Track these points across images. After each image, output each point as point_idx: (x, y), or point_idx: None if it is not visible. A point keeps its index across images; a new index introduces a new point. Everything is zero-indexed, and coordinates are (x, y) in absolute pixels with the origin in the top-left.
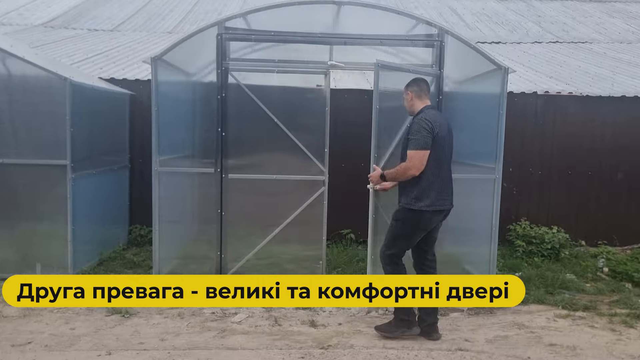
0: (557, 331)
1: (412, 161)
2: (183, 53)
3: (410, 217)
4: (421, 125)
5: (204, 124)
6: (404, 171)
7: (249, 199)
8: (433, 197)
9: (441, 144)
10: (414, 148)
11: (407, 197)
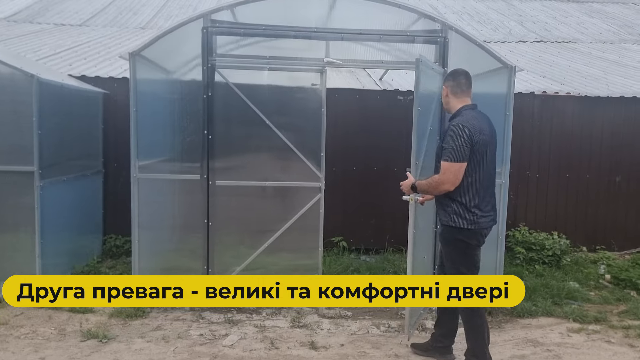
0: (574, 348)
1: (446, 175)
2: (163, 48)
3: (457, 234)
4: (456, 132)
5: (188, 125)
6: (436, 185)
7: (238, 207)
8: (477, 213)
9: (481, 152)
10: (449, 160)
11: (445, 213)
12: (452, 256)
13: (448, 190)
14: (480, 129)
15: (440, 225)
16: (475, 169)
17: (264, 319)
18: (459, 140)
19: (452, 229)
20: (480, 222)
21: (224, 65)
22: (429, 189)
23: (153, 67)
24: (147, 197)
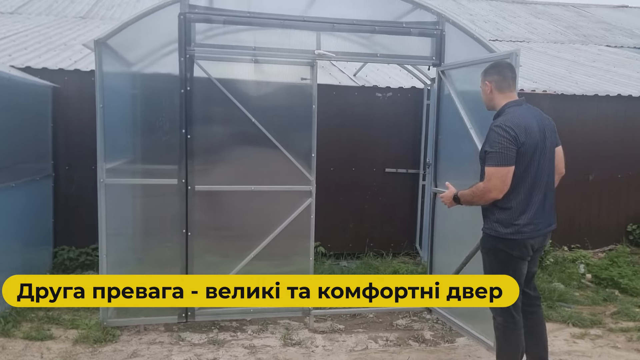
0: (585, 356)
1: (492, 181)
2: (132, 37)
3: (499, 244)
4: (499, 133)
5: (163, 124)
6: (482, 194)
7: (221, 215)
8: (521, 222)
9: (529, 154)
10: (494, 164)
11: (488, 220)
12: (492, 266)
13: (496, 199)
14: (526, 128)
15: (483, 232)
16: (524, 172)
17: (251, 337)
18: (504, 142)
19: (494, 238)
20: (526, 232)
21: (204, 56)
22: (474, 198)
23: (121, 58)
24: (116, 205)
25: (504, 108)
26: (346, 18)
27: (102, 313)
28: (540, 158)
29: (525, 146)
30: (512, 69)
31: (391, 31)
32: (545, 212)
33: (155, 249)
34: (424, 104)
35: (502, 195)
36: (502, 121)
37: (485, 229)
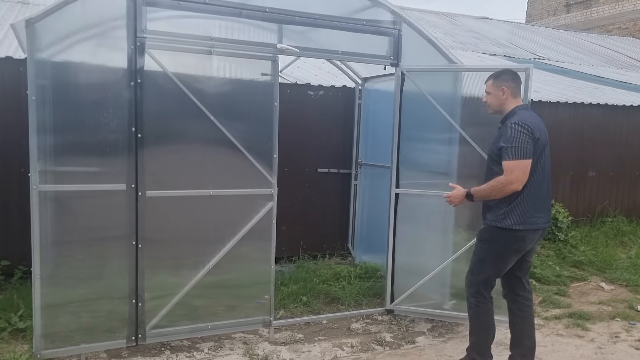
0: (541, 346)
1: (515, 173)
2: (69, 19)
3: (499, 236)
4: (518, 129)
5: (108, 121)
6: (502, 187)
7: (174, 223)
8: (526, 214)
9: (539, 151)
10: (514, 157)
11: (494, 212)
12: (481, 256)
13: (516, 190)
14: (539, 128)
15: (484, 224)
16: (533, 169)
17: (210, 356)
18: (523, 137)
19: (497, 229)
20: (529, 224)
21: (156, 44)
22: (492, 192)
23: (57, 43)
24: (52, 215)
25: (515, 110)
26: (306, 12)
27: (35, 342)
28: (545, 157)
29: (538, 143)
30: (519, 78)
31: (352, 28)
32: (546, 208)
33: (99, 263)
34: (355, 103)
35: (522, 187)
36: (518, 119)
37: (491, 222)
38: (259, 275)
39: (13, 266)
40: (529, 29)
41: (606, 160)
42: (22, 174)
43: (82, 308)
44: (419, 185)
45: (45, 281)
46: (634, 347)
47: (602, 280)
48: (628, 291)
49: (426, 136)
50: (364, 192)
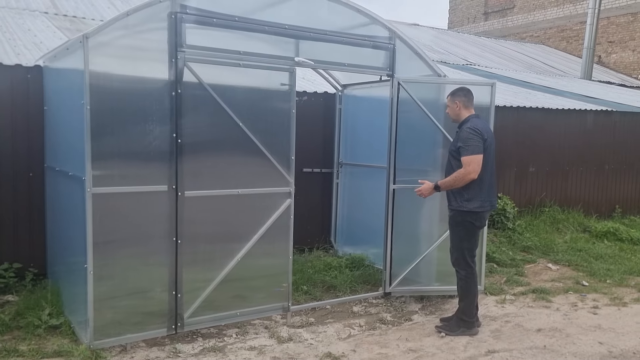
0: (519, 316)
1: (472, 165)
2: (115, 35)
3: (467, 218)
4: (471, 133)
5: (150, 128)
6: (463, 177)
7: (208, 220)
8: (483, 199)
9: (488, 149)
10: (470, 154)
11: (458, 200)
12: (460, 235)
13: (473, 179)
14: (487, 131)
15: (451, 210)
16: (484, 164)
17: (241, 340)
18: (475, 138)
19: (463, 212)
20: (485, 206)
21: (194, 58)
22: (456, 182)
23: (108, 56)
24: (102, 215)
25: (468, 118)
26: (317, 28)
27: (89, 334)
28: (492, 154)
29: (486, 143)
30: (471, 93)
31: (355, 43)
32: (493, 192)
33: (143, 259)
34: (336, 108)
35: (477, 176)
36: (471, 125)
37: (456, 207)
38: (278, 265)
39: (24, 269)
40: (456, 35)
41: (543, 157)
42: (31, 178)
43: (128, 301)
44: (410, 182)
45: (96, 277)
46: (591, 312)
47: (549, 262)
48: (571, 270)
49: (415, 137)
50: (344, 189)
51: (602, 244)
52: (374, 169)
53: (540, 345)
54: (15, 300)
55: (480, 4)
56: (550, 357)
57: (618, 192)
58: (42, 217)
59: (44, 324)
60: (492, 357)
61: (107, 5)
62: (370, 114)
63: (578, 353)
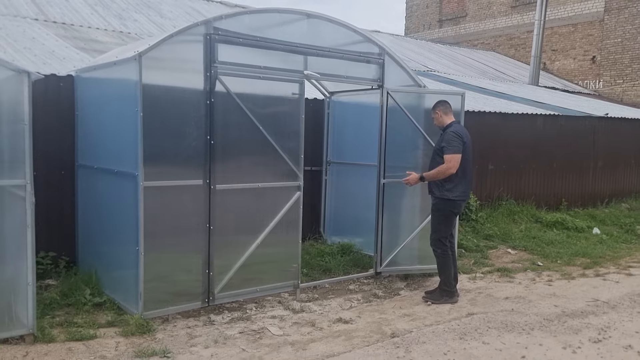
0: (489, 289)
1: (452, 162)
2: (161, 53)
3: (448, 205)
4: (453, 136)
5: (192, 131)
6: (445, 170)
7: (234, 209)
8: (460, 190)
9: (467, 150)
10: (451, 153)
11: (440, 190)
12: (439, 220)
13: (452, 173)
14: (466, 135)
15: (435, 198)
16: (463, 161)
17: (262, 312)
18: (457, 140)
19: (445, 201)
20: (464, 196)
21: (224, 72)
22: (439, 174)
23: (153, 71)
24: (151, 206)
25: (451, 124)
26: (321, 45)
27: (140, 305)
28: (469, 154)
29: (465, 145)
30: (448, 102)
31: (353, 58)
32: (469, 185)
33: (183, 243)
34: (325, 112)
35: (455, 171)
36: (452, 129)
37: (440, 196)
38: (290, 249)
39: (57, 257)
40: (414, 42)
41: (500, 157)
42: (62, 175)
43: (171, 278)
44: (397, 177)
45: (146, 259)
46: (547, 284)
47: (508, 247)
48: (527, 253)
49: (400, 139)
50: (332, 185)
51: (552, 232)
52: (359, 167)
53: (509, 308)
54: (55, 283)
55: (435, 12)
56: (518, 316)
57: (564, 188)
58: (73, 210)
59: (89, 301)
60: (472, 318)
61: (90, 11)
62: (355, 118)
63: (539, 313)
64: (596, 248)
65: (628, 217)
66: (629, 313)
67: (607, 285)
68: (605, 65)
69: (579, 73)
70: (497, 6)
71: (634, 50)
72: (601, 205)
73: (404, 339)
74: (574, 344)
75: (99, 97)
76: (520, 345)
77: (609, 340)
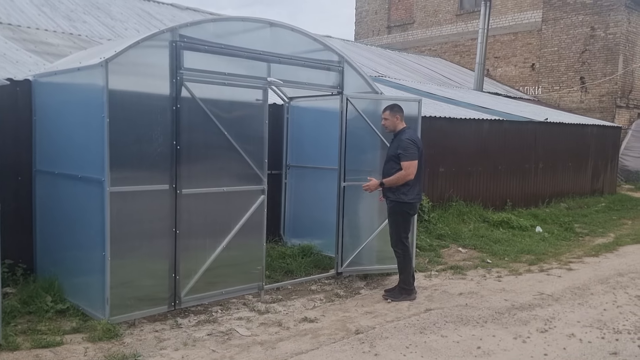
0: (444, 285)
1: (410, 169)
2: (128, 60)
3: (404, 207)
4: (410, 143)
5: (158, 136)
6: (403, 177)
7: (200, 213)
8: (415, 192)
9: (420, 156)
10: (409, 159)
11: (396, 194)
12: (397, 222)
13: (411, 179)
14: (419, 141)
15: (391, 202)
16: (418, 166)
17: (227, 314)
18: (413, 147)
19: (401, 203)
20: (417, 198)
21: (189, 78)
22: (398, 180)
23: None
24: (117, 211)
25: (404, 129)
26: (283, 53)
27: (106, 311)
28: (423, 158)
29: (419, 151)
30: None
31: (313, 66)
32: (421, 186)
33: (150, 247)
34: (284, 117)
35: (413, 176)
36: (408, 136)
37: (395, 199)
38: (254, 251)
39: (14, 264)
40: (364, 48)
41: (450, 160)
42: (19, 182)
43: (137, 283)
44: (356, 180)
45: (113, 264)
46: (496, 280)
47: (459, 246)
48: (477, 252)
49: (359, 143)
50: (291, 188)
51: (499, 231)
52: (318, 170)
53: (463, 303)
54: (13, 291)
55: (383, 19)
56: (472, 310)
57: (508, 189)
58: (30, 217)
59: (51, 308)
60: (430, 313)
61: (37, 12)
62: (314, 122)
63: (491, 307)
64: (539, 245)
65: (567, 216)
66: (571, 305)
67: (550, 279)
68: (544, 73)
69: (519, 80)
70: (443, 14)
71: (569, 59)
72: (542, 205)
73: (368, 335)
74: (523, 334)
75: (60, 103)
76: (475, 337)
77: (555, 329)
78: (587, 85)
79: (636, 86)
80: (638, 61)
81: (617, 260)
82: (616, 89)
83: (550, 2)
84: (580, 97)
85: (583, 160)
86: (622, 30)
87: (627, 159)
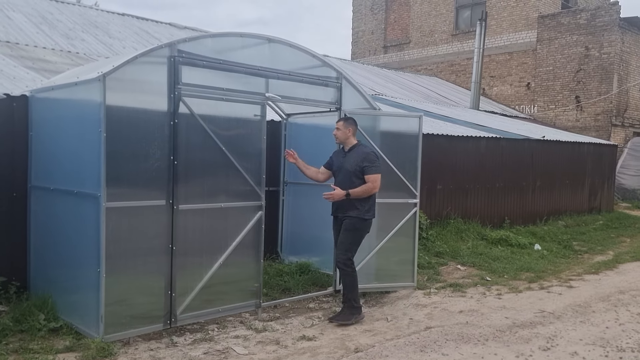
0: (444, 303)
1: (377, 182)
2: (125, 75)
3: (364, 225)
4: (374, 157)
5: (155, 152)
6: (370, 190)
7: (197, 229)
8: (374, 210)
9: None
10: (375, 172)
11: (358, 210)
12: (355, 239)
13: (376, 192)
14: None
15: (351, 218)
16: None
17: (224, 332)
18: (377, 161)
19: (360, 220)
20: (374, 215)
21: (188, 94)
22: (364, 193)
23: (117, 92)
24: (113, 227)
25: (358, 144)
26: (282, 69)
27: (100, 329)
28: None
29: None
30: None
31: (312, 82)
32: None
33: (146, 264)
34: (282, 134)
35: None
36: (369, 150)
37: (355, 215)
38: (251, 268)
39: (7, 282)
40: (361, 67)
41: (448, 177)
42: (14, 198)
43: (133, 300)
44: None
45: (108, 281)
46: (497, 298)
47: (457, 264)
48: (476, 269)
49: None
50: (289, 205)
51: (497, 248)
52: (315, 187)
53: (464, 321)
54: (6, 309)
55: (380, 39)
56: (473, 328)
57: (506, 206)
58: (24, 234)
59: (44, 326)
60: (430, 331)
61: (36, 30)
62: (312, 139)
63: (492, 325)
64: (538, 263)
65: (565, 234)
66: (573, 322)
67: (551, 297)
68: (539, 92)
69: (515, 98)
70: (439, 34)
71: (564, 78)
72: (540, 222)
73: (368, 354)
74: (525, 352)
75: (57, 118)
76: (477, 356)
77: (557, 348)
78: (582, 104)
79: (631, 105)
80: (632, 80)
81: (618, 277)
82: (611, 107)
83: (545, 23)
84: (576, 116)
85: (580, 178)
86: (616, 50)
87: (623, 177)
